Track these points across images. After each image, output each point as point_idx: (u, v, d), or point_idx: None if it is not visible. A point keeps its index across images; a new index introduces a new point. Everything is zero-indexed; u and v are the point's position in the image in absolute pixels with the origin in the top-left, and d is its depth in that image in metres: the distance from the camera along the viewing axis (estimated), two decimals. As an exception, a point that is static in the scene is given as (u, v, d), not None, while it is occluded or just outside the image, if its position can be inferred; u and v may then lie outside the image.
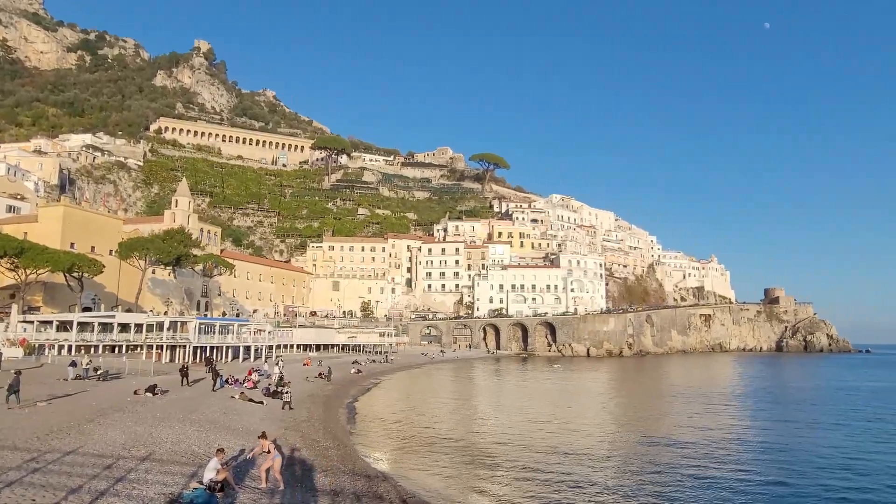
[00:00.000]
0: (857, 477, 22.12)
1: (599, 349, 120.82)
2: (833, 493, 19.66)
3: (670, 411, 41.08)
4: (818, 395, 54.34)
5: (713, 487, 20.16)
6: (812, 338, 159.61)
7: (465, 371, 78.54)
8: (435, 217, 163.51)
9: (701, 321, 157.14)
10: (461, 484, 19.97)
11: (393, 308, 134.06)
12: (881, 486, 20.69)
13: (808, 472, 22.69)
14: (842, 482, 21.26)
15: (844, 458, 25.40)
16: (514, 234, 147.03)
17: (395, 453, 25.01)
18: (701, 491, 19.63)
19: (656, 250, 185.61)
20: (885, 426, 35.41)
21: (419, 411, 38.85)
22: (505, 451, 25.58)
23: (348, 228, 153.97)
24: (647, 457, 25.26)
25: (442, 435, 29.86)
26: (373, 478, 18.73)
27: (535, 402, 45.70)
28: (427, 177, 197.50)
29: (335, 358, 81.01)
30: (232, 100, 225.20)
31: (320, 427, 28.19)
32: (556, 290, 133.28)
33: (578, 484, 20.31)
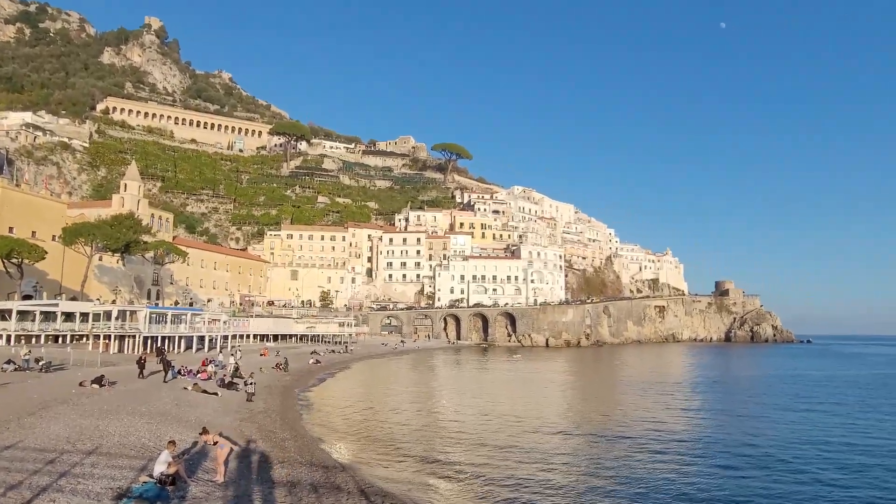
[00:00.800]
0: (803, 461, 23.32)
1: (558, 339, 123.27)
2: (779, 476, 20.65)
3: (626, 400, 42.32)
4: (764, 383, 57.08)
5: (667, 472, 20.85)
6: (758, 328, 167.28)
7: (425, 361, 78.71)
8: (396, 206, 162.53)
9: (655, 312, 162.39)
10: (420, 473, 20.00)
11: (353, 298, 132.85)
12: (827, 469, 21.87)
13: (756, 458, 23.77)
14: (787, 466, 22.37)
15: (792, 443, 26.74)
16: (476, 225, 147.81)
17: (353, 444, 24.81)
18: (655, 476, 20.26)
19: (614, 243, 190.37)
20: (830, 412, 37.47)
21: (379, 402, 38.69)
22: (464, 441, 25.77)
23: (307, 217, 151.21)
24: (602, 446, 25.93)
25: (401, 425, 29.83)
26: (331, 468, 18.51)
27: (494, 391, 46.25)
28: (389, 166, 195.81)
29: (293, 348, 79.71)
30: (185, 81, 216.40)
31: (277, 418, 27.67)
32: (517, 281, 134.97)
33: (536, 472, 20.66)
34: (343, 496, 15.32)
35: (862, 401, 43.16)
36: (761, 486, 19.09)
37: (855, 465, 22.33)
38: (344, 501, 14.87)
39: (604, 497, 17.59)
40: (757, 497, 17.91)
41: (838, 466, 22.01)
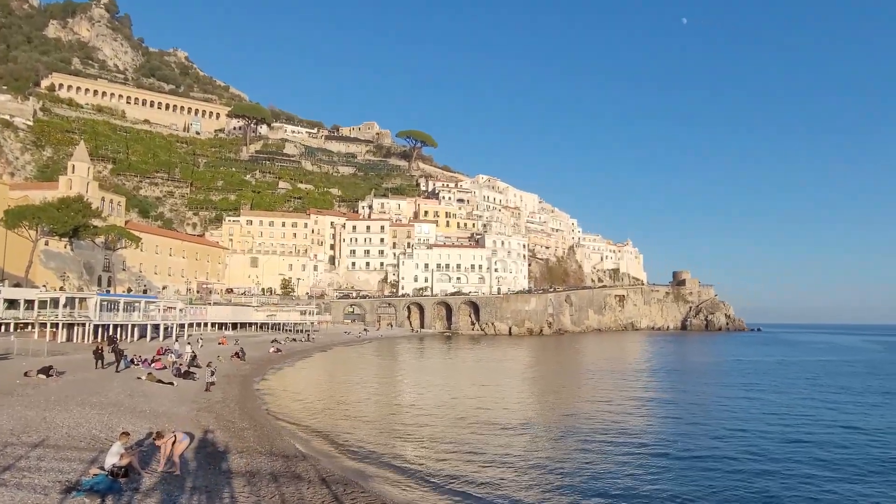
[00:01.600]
0: (760, 442, 24.40)
1: (521, 328, 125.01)
2: (734, 458, 21.55)
3: (585, 387, 43.28)
4: (719, 370, 59.42)
5: (626, 457, 21.45)
6: (713, 317, 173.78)
7: (388, 349, 78.56)
8: (360, 194, 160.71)
9: (615, 301, 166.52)
10: (382, 461, 19.96)
11: (315, 286, 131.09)
12: (778, 450, 22.94)
13: (712, 440, 24.71)
14: (742, 447, 23.36)
15: (746, 427, 27.93)
16: (441, 214, 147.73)
17: (315, 433, 24.55)
18: (614, 462, 20.80)
19: (577, 233, 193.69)
20: (779, 397, 39.30)
21: (341, 390, 38.40)
22: (427, 429, 25.85)
23: (268, 202, 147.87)
24: (562, 432, 26.44)
25: (364, 413, 29.71)
26: (291, 458, 18.26)
27: (457, 379, 46.57)
28: (352, 152, 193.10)
29: (253, 337, 78.23)
30: (138, 58, 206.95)
31: (236, 408, 27.10)
32: (481, 269, 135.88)
33: (497, 460, 20.91)
34: (303, 485, 15.14)
35: (809, 385, 45.47)
36: (716, 468, 19.86)
37: (805, 446, 23.50)
38: (304, 491, 14.69)
39: (563, 482, 17.95)
40: (711, 477, 18.62)
41: (784, 442, 23.15)
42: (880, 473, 19.43)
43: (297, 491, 14.57)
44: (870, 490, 17.61)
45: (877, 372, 58.39)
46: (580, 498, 16.35)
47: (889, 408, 34.25)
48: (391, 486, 16.96)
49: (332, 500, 14.12)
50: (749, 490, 17.33)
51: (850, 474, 19.33)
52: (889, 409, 33.92)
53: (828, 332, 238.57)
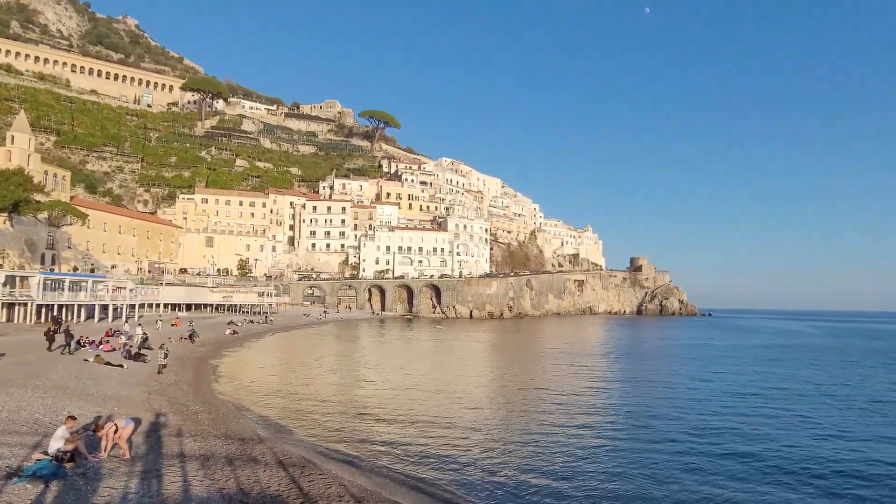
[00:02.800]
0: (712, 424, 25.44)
1: (482, 311, 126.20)
2: (686, 439, 22.41)
3: (544, 369, 44.09)
4: (671, 353, 61.62)
5: (583, 437, 21.99)
6: (667, 302, 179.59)
7: (348, 332, 78.01)
8: (321, 173, 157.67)
9: (575, 286, 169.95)
10: (341, 443, 19.84)
11: (273, 267, 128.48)
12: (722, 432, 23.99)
13: (664, 421, 25.62)
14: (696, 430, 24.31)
15: (698, 410, 29.06)
16: (403, 196, 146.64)
17: (272, 415, 24.17)
18: (574, 443, 21.29)
19: (538, 218, 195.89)
20: (728, 379, 41.06)
21: (299, 372, 37.89)
22: (387, 410, 25.83)
23: (224, 180, 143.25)
24: (521, 414, 26.88)
25: (323, 395, 29.43)
26: (247, 440, 17.92)
27: (418, 361, 46.68)
28: (313, 130, 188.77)
29: (208, 318, 76.27)
30: (84, 24, 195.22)
31: (190, 390, 26.39)
32: (443, 253, 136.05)
33: (457, 440, 21.09)
34: (260, 468, 14.88)
35: (755, 368, 47.75)
36: (667, 447, 20.60)
37: (752, 429, 24.65)
38: (261, 473, 14.44)
39: (522, 464, 18.26)
40: (661, 458, 19.31)
41: (733, 420, 24.29)
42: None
43: (254, 474, 14.31)
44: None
45: (819, 355, 61.89)
46: (537, 477, 16.68)
47: (838, 389, 36.34)
48: (350, 467, 16.88)
49: (290, 483, 13.94)
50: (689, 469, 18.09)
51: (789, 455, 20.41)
52: (838, 390, 36.00)
53: (774, 317, 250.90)
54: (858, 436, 22.81)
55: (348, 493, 13.74)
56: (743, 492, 15.79)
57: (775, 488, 16.15)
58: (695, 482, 16.49)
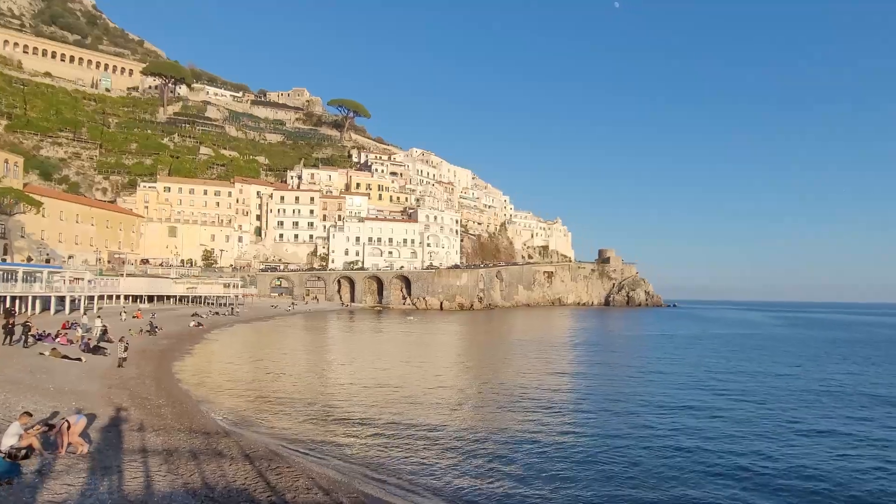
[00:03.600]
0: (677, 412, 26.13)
1: (452, 302, 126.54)
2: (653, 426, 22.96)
3: (513, 359, 44.52)
4: (639, 343, 63.00)
5: (556, 427, 22.31)
6: (633, 294, 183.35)
7: (317, 323, 77.19)
8: (289, 163, 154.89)
9: (544, 277, 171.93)
10: (310, 435, 19.63)
11: (240, 258, 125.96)
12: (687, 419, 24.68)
13: (631, 409, 26.20)
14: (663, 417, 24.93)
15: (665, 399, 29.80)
16: (373, 186, 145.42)
17: (238, 408, 23.73)
18: (543, 432, 21.57)
19: (509, 210, 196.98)
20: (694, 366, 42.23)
21: (266, 364, 37.31)
22: (357, 402, 25.68)
23: (188, 169, 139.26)
24: (492, 403, 27.07)
25: (291, 387, 29.05)
26: (212, 434, 17.54)
27: (388, 352, 46.54)
28: (281, 119, 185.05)
29: (172, 310, 74.36)
30: (36, 3, 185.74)
31: (152, 384, 25.67)
32: (413, 244, 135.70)
33: (426, 432, 21.13)
34: (226, 462, 14.58)
35: (721, 357, 49.29)
36: (636, 435, 21.08)
37: (717, 414, 25.42)
38: (226, 467, 14.15)
39: (490, 455, 18.40)
40: (629, 446, 19.75)
41: (699, 410, 25.03)
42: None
43: (219, 468, 14.02)
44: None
45: (781, 344, 64.37)
46: (505, 468, 16.84)
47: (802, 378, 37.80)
48: (318, 459, 16.72)
49: (256, 476, 13.70)
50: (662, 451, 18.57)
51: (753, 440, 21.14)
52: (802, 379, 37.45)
53: (734, 308, 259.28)
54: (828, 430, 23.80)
55: (316, 486, 13.59)
56: (714, 484, 16.27)
57: (733, 482, 16.72)
58: (668, 476, 16.91)
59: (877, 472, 16.97)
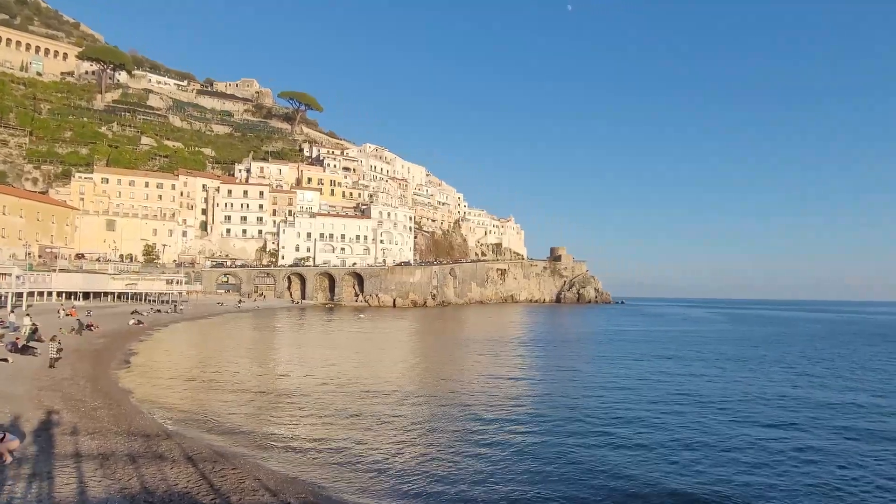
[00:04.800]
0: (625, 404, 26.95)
1: (405, 300, 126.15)
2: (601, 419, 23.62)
3: (465, 357, 44.84)
4: (588, 339, 64.67)
5: (504, 425, 22.59)
6: (584, 291, 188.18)
7: (266, 321, 75.30)
8: (237, 156, 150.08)
9: (497, 275, 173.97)
10: (257, 435, 19.13)
11: (184, 253, 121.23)
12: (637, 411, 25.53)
13: (581, 407, 26.86)
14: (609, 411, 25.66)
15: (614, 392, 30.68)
16: (325, 181, 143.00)
17: (181, 409, 22.84)
18: (492, 426, 21.82)
19: (463, 207, 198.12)
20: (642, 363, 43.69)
21: (212, 363, 36.08)
22: (304, 400, 25.22)
23: (128, 159, 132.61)
24: (442, 401, 27.18)
25: (237, 386, 28.20)
26: (153, 436, 16.82)
27: (339, 350, 45.93)
28: (228, 110, 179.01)
29: (110, 308, 70.78)
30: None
31: (88, 385, 24.35)
32: (366, 240, 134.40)
33: (376, 430, 21.02)
34: (167, 465, 14.02)
35: (667, 354, 51.23)
36: (584, 429, 21.64)
37: (665, 407, 26.41)
38: (167, 471, 13.61)
39: (438, 452, 18.48)
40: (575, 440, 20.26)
41: (649, 405, 25.95)
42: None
43: (160, 471, 13.46)
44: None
45: (724, 340, 67.58)
46: (455, 465, 16.95)
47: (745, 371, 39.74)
48: (266, 460, 16.32)
49: (200, 479, 13.24)
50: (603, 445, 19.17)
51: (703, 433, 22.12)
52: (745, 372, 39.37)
53: (680, 304, 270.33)
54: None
55: (263, 487, 13.27)
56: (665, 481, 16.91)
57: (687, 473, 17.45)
58: (617, 472, 17.42)
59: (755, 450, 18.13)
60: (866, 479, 16.12)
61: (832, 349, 55.25)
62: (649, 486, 15.11)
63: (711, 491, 14.80)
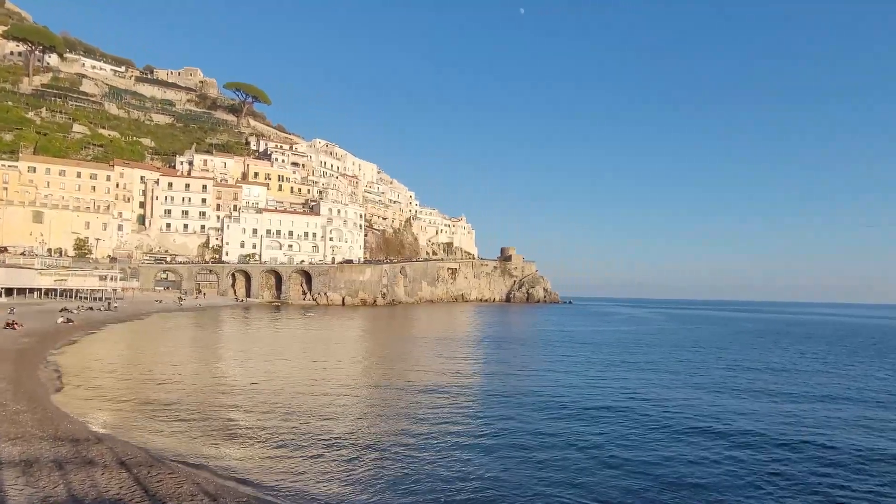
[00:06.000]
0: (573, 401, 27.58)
1: (355, 298, 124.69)
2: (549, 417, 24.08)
3: (414, 356, 44.79)
4: (536, 339, 65.86)
5: (453, 422, 22.71)
6: (533, 291, 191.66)
7: (208, 320, 72.63)
8: (178, 147, 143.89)
9: (448, 274, 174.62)
10: (197, 438, 18.41)
11: (119, 248, 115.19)
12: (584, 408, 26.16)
13: (529, 404, 27.33)
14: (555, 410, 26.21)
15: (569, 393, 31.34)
16: (273, 176, 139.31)
17: (115, 412, 21.69)
18: (440, 425, 21.87)
19: (414, 206, 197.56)
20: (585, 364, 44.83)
21: (149, 364, 34.46)
22: (247, 403, 24.48)
23: (58, 147, 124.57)
24: (389, 399, 27.06)
25: (176, 388, 27.04)
26: (82, 441, 15.87)
27: (283, 350, 44.89)
28: (170, 99, 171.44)
29: (36, 304, 66.47)
30: None
31: (9, 387, 22.72)
32: (315, 238, 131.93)
33: (322, 430, 20.71)
34: (97, 471, 13.27)
35: (614, 353, 52.83)
36: (531, 427, 22.02)
37: (606, 408, 27.21)
38: (98, 477, 12.88)
39: (386, 455, 18.40)
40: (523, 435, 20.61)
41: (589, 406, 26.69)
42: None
43: (89, 478, 12.72)
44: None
45: (664, 339, 70.39)
46: (400, 468, 16.90)
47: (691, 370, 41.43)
48: (206, 464, 15.72)
49: (134, 484, 12.60)
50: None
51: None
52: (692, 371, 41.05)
53: (623, 304, 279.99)
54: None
55: (202, 491, 12.78)
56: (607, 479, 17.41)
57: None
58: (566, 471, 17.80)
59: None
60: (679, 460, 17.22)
61: (743, 348, 58.79)
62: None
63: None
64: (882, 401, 28.72)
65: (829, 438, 20.46)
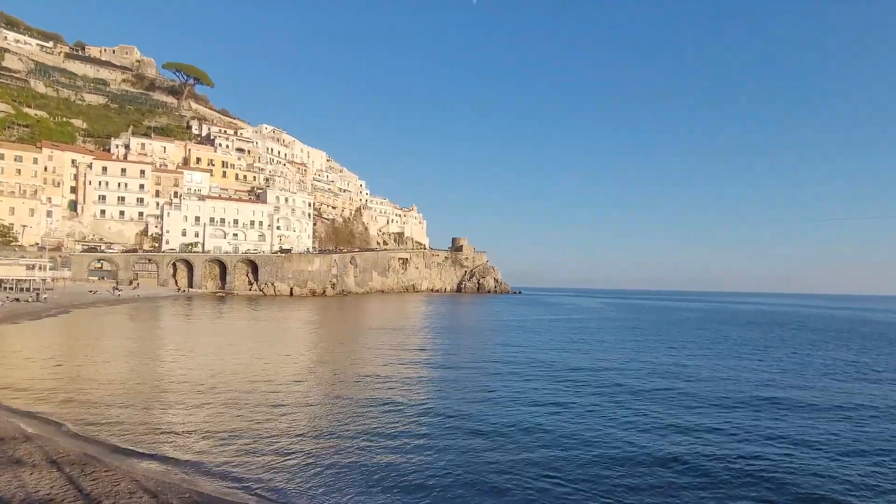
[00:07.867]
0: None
1: (303, 288, 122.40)
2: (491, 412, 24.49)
3: (366, 347, 44.55)
4: (485, 329, 66.72)
5: (403, 417, 22.77)
6: (484, 281, 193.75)
7: (146, 311, 69.56)
8: (113, 129, 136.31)
9: (399, 264, 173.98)
10: (135, 434, 17.69)
11: (48, 235, 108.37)
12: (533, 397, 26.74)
13: (476, 394, 27.69)
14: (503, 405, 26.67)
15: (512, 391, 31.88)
16: (216, 162, 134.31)
17: (45, 409, 20.51)
18: (390, 420, 21.91)
19: (365, 195, 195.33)
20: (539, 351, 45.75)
21: (82, 358, 32.70)
22: (189, 397, 23.69)
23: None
24: (336, 391, 26.88)
25: (112, 383, 25.81)
26: (9, 440, 14.95)
27: (227, 343, 43.61)
28: (103, 78, 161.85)
29: (-48, 297, 61.54)
30: None
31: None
32: (262, 226, 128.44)
33: (268, 424, 20.39)
34: (26, 470, 12.55)
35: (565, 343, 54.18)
36: (479, 418, 22.36)
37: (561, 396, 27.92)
38: (27, 476, 12.19)
39: (333, 449, 18.32)
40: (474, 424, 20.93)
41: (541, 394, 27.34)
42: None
43: (16, 478, 12.01)
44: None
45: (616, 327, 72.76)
46: (350, 463, 16.86)
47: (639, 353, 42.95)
48: (145, 461, 15.15)
49: (67, 483, 11.99)
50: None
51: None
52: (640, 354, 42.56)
53: (571, 294, 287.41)
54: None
55: (141, 489, 12.31)
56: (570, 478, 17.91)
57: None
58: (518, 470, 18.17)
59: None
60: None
61: (681, 332, 61.96)
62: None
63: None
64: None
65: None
